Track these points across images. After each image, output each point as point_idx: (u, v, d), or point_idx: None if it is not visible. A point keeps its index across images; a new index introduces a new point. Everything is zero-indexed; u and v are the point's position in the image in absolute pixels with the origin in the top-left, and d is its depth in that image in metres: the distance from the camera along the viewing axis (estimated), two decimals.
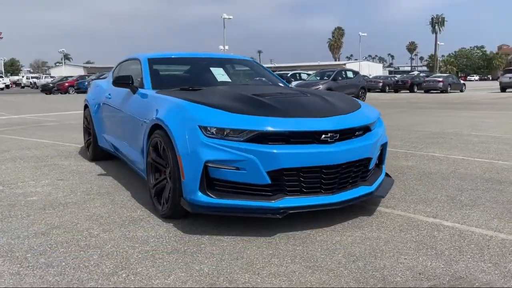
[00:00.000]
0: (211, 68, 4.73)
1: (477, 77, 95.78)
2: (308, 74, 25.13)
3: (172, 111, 3.34)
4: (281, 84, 4.86)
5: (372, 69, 76.00)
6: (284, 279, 2.42)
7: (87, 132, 6.04)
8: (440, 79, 31.99)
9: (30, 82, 59.01)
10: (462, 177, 4.75)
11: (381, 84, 34.39)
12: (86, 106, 5.98)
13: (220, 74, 4.65)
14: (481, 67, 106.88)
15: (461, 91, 32.81)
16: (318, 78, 20.99)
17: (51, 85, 37.58)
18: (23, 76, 68.71)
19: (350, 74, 21.40)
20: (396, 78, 35.80)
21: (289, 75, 24.80)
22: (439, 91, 31.14)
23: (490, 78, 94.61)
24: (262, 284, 2.37)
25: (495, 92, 29.74)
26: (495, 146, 6.78)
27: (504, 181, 4.54)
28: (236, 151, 2.96)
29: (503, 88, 30.02)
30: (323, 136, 3.10)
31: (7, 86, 54.69)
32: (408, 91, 32.77)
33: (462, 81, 35.69)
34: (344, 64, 74.35)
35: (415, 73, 54.14)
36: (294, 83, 19.58)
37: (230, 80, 4.73)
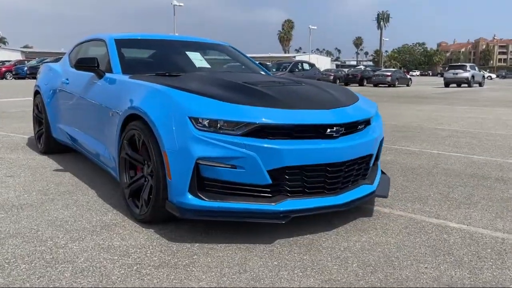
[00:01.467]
0: (187, 52, 4.26)
1: (418, 73, 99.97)
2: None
3: (154, 99, 2.87)
4: (262, 72, 4.48)
5: (321, 63, 76.85)
6: None
7: (38, 122, 5.38)
8: (389, 74, 32.83)
9: None
10: (446, 172, 4.61)
11: (332, 77, 34.74)
12: (37, 92, 5.30)
13: (197, 59, 4.19)
14: (422, 63, 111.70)
15: (408, 85, 33.87)
16: (275, 69, 20.76)
17: None
18: None
19: (306, 66, 21.35)
20: (346, 72, 36.39)
21: None
22: (387, 85, 31.95)
23: (430, 73, 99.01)
24: None
25: (440, 87, 30.95)
26: (464, 140, 6.79)
27: (488, 177, 4.45)
28: (233, 146, 2.57)
29: (447, 84, 31.35)
30: (329, 130, 2.77)
31: None
32: (357, 85, 33.35)
33: (408, 76, 36.89)
34: (294, 57, 74.93)
35: (362, 67, 55.45)
36: None
37: (209, 66, 4.29)
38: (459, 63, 39.30)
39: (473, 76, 31.08)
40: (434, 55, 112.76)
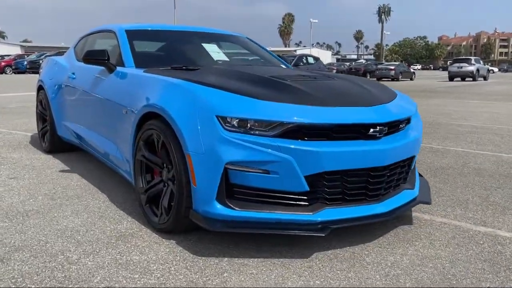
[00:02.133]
0: (204, 44, 3.95)
1: (419, 66, 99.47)
2: None
3: (175, 96, 2.57)
4: (283, 66, 4.18)
5: (322, 56, 76.23)
6: None
7: (42, 119, 5.07)
8: (392, 67, 32.47)
9: None
10: (478, 173, 4.32)
11: (334, 71, 34.41)
12: (40, 88, 4.99)
13: (214, 51, 3.88)
14: (424, 57, 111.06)
15: (411, 79, 33.50)
16: None
17: None
18: None
19: (311, 60, 21.00)
20: (349, 66, 36.07)
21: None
22: (390, 79, 31.59)
23: (432, 67, 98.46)
24: None
25: (444, 81, 30.59)
26: (485, 136, 6.49)
27: None
28: (267, 149, 2.27)
29: (451, 77, 30.98)
30: (371, 130, 2.47)
31: None
32: None
33: (412, 70, 36.52)
34: (295, 51, 74.35)
35: (363, 61, 55.09)
36: None
37: (227, 59, 3.98)
38: (464, 57, 38.92)
39: (478, 70, 30.71)
40: (435, 48, 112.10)
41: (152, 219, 2.74)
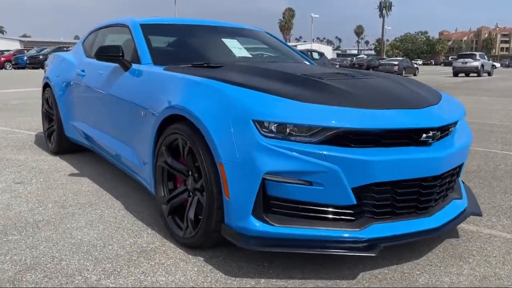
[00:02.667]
0: (224, 40, 3.68)
1: (420, 62, 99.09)
2: None
3: (204, 97, 2.31)
4: (307, 62, 3.91)
5: (323, 51, 75.97)
6: None
7: (48, 118, 4.81)
8: (396, 63, 32.19)
9: None
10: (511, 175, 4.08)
11: (337, 66, 34.13)
12: (46, 85, 4.73)
13: (236, 47, 3.62)
14: (425, 52, 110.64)
15: (415, 74, 33.17)
16: None
17: None
18: None
19: (315, 55, 20.72)
20: (352, 61, 35.78)
21: None
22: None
23: (433, 62, 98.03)
24: None
25: (448, 76, 30.28)
26: (509, 136, 6.24)
27: None
28: (311, 158, 2.02)
29: (455, 73, 30.66)
30: (424, 135, 2.22)
31: None
32: None
33: (415, 65, 36.22)
34: (295, 46, 73.93)
35: (364, 56, 54.70)
36: None
37: (250, 55, 3.71)
38: (468, 52, 38.62)
39: (482, 65, 30.41)
40: (436, 44, 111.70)
41: (176, 232, 2.50)
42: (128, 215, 2.96)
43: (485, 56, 33.21)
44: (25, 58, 31.80)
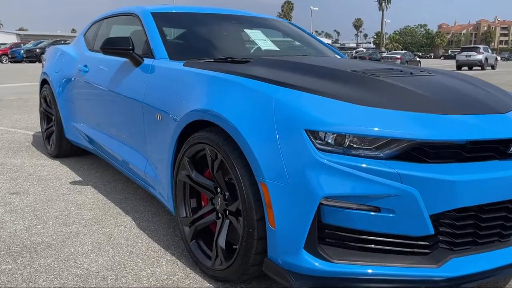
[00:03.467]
0: (247, 31, 3.24)
1: (420, 55, 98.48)
2: None
3: (240, 99, 1.88)
4: (338, 56, 3.48)
5: None
6: None
7: (47, 118, 4.38)
8: (398, 56, 31.75)
9: None
10: None
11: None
12: (45, 82, 4.29)
13: (260, 39, 3.18)
14: (424, 45, 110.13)
15: None
16: None
17: None
18: None
19: None
20: (354, 54, 35.32)
21: None
22: None
23: (432, 56, 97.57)
24: None
25: (452, 70, 29.81)
26: None
27: None
28: (381, 178, 1.60)
29: (459, 66, 30.22)
30: None
31: None
32: None
33: (417, 59, 35.80)
34: None
35: (363, 49, 54.22)
36: None
37: (278, 49, 3.28)
38: (472, 45, 38.23)
39: (486, 59, 29.99)
40: (436, 37, 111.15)
41: (202, 262, 2.08)
42: (141, 235, 2.54)
43: (489, 49, 32.75)
44: (22, 51, 31.27)
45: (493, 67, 31.74)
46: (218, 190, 2.04)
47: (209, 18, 3.30)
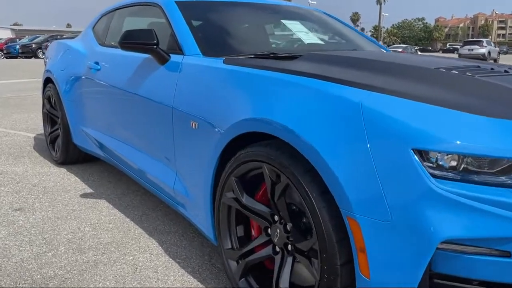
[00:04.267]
0: (285, 22, 2.82)
1: (417, 48, 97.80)
2: None
3: (316, 109, 1.47)
4: (383, 50, 3.06)
5: None
6: None
7: (51, 120, 3.95)
8: (400, 50, 31.36)
9: None
10: None
11: None
12: (48, 80, 3.86)
13: (302, 31, 2.76)
14: (422, 39, 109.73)
15: None
16: None
17: None
18: None
19: None
20: None
21: None
22: None
23: (430, 49, 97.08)
24: None
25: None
26: None
27: None
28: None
29: None
30: None
31: None
32: None
33: (419, 53, 35.44)
34: None
35: None
36: None
37: (323, 43, 2.86)
38: (475, 39, 37.90)
39: (489, 52, 29.70)
40: (434, 30, 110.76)
41: None
42: (171, 265, 2.13)
43: (492, 43, 32.45)
44: (18, 47, 30.66)
45: (495, 61, 31.40)
46: (276, 218, 1.63)
47: (241, 7, 2.84)
